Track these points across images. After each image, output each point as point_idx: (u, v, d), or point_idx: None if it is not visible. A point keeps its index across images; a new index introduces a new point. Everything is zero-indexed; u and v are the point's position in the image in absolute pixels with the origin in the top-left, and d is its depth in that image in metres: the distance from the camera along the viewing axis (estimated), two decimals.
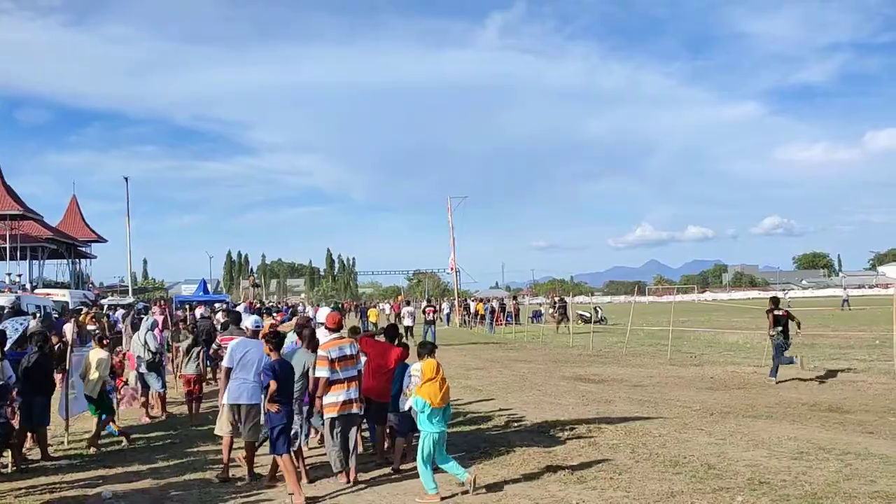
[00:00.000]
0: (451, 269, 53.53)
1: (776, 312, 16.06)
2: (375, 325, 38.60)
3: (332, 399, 8.27)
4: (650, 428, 10.87)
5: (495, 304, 43.43)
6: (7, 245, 50.99)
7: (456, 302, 51.88)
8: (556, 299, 40.75)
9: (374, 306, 46.93)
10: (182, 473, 8.99)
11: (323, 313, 11.02)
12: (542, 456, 9.28)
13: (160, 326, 14.88)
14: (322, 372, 8.24)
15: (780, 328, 15.87)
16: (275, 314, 23.06)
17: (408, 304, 37.81)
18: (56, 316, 27.39)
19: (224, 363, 8.78)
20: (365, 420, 9.20)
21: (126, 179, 53.28)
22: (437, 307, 40.08)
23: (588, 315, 39.56)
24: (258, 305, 36.42)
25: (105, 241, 70.78)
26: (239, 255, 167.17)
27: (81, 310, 27.91)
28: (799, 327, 16.35)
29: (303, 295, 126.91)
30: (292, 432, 8.02)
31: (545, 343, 28.82)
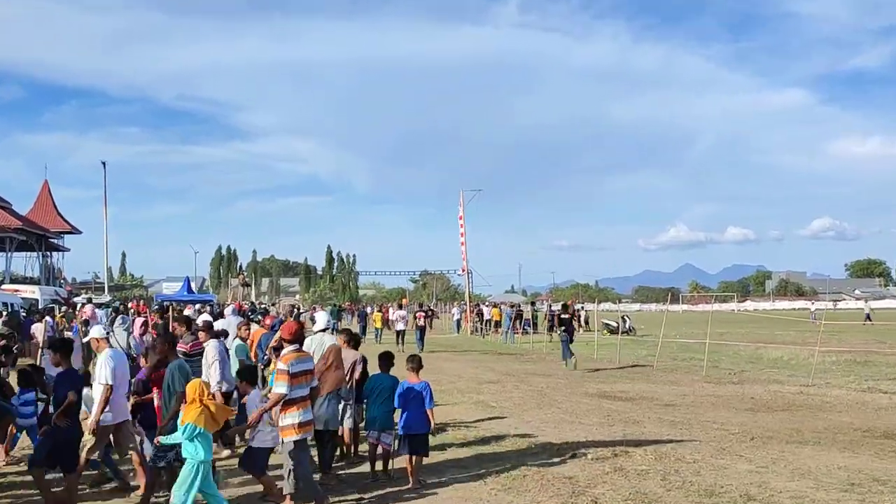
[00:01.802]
0: (463, 270, 53.61)
1: (563, 316, 25.75)
2: (379, 330, 38.76)
3: (291, 420, 8.05)
4: (683, 453, 10.83)
5: (509, 309, 43.36)
6: None
7: (468, 307, 51.86)
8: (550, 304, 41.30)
9: (380, 310, 46.81)
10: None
11: (322, 318, 11.01)
12: (562, 482, 9.26)
13: (139, 330, 14.95)
14: (281, 388, 8.01)
15: (563, 327, 24.63)
16: (260, 317, 23.02)
17: (400, 307, 38.44)
18: (24, 315, 27.53)
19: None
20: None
21: (104, 164, 53.65)
22: (430, 312, 40.28)
23: (615, 325, 39.48)
24: (247, 307, 36.50)
25: (79, 232, 70.96)
26: (228, 250, 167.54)
27: (53, 308, 28.05)
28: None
29: (297, 296, 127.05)
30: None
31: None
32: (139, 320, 17.09)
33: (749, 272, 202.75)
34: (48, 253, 67.85)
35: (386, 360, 10.10)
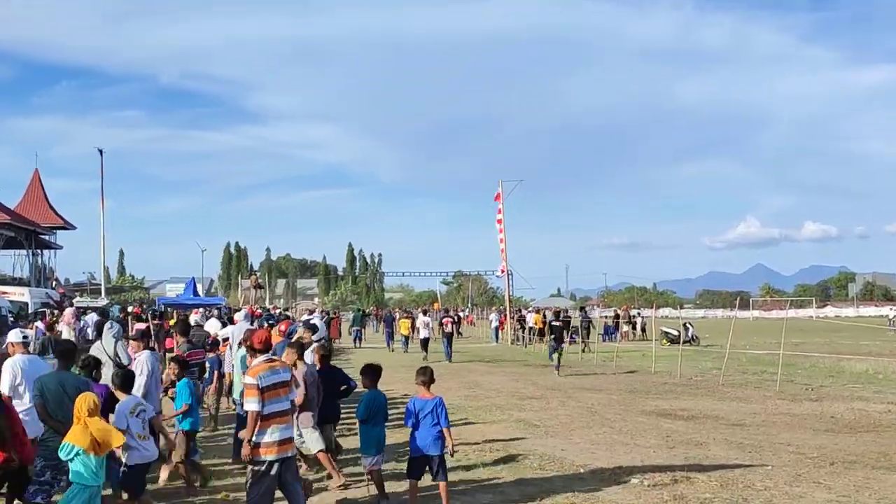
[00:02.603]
0: (502, 271, 53.36)
1: (554, 323, 28.61)
2: (407, 338, 38.93)
3: (268, 438, 8.03)
4: (753, 479, 10.79)
5: (550, 314, 43.27)
6: None
7: (508, 312, 51.84)
8: (579, 310, 41.55)
9: (407, 315, 46.94)
10: None
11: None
12: None
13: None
14: (252, 405, 8.01)
15: (553, 335, 27.80)
16: (266, 322, 23.17)
17: (424, 313, 39.64)
18: (11, 320, 27.88)
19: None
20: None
21: (100, 152, 54.01)
22: (457, 317, 40.66)
23: (675, 333, 39.28)
24: (261, 312, 36.73)
25: (73, 227, 71.89)
26: (238, 248, 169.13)
27: (44, 312, 28.45)
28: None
29: (316, 299, 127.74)
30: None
31: (620, 368, 28.68)
32: (140, 326, 17.30)
33: (829, 274, 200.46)
34: (38, 251, 68.71)
35: (372, 373, 10.17)
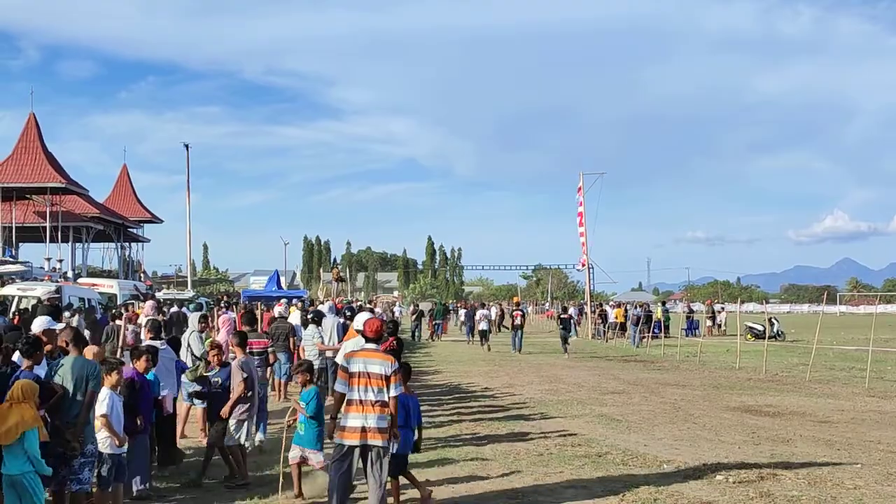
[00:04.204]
0: (582, 265, 53.14)
1: (562, 316, 34.55)
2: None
3: (349, 423, 8.34)
4: (842, 477, 10.61)
5: (638, 310, 43.03)
6: (48, 224, 53.39)
7: (588, 307, 51.56)
8: (627, 305, 42.42)
9: (483, 306, 47.72)
10: None
11: (360, 319, 11.31)
12: None
13: (226, 327, 15.42)
14: (338, 386, 8.47)
15: (561, 326, 32.93)
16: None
17: (483, 306, 42.06)
18: (101, 311, 28.56)
19: None
20: None
21: (186, 147, 55.27)
22: (525, 311, 41.04)
23: (760, 328, 38.79)
24: (342, 304, 37.08)
25: (160, 221, 73.51)
26: (318, 241, 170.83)
27: (131, 304, 29.09)
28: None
29: (396, 292, 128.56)
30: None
31: (703, 363, 28.38)
32: (225, 317, 17.60)
33: None
34: (127, 244, 70.39)
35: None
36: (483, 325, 36.03)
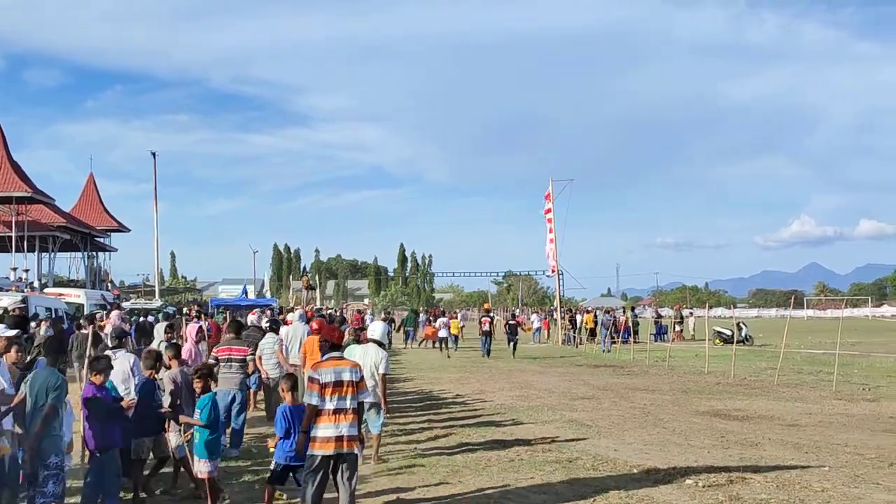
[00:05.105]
0: (552, 271, 53.21)
1: (510, 322, 37.11)
2: (456, 338, 39.46)
3: (320, 433, 8.18)
4: (810, 480, 10.69)
5: (608, 316, 43.25)
6: (13, 234, 52.92)
7: (558, 313, 51.69)
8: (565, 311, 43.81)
9: (455, 316, 47.69)
10: None
11: (376, 328, 11.27)
12: None
13: (194, 337, 15.32)
14: (311, 398, 8.22)
15: (509, 332, 35.44)
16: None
17: (443, 314, 43.49)
18: (68, 322, 28.29)
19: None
20: None
21: (153, 154, 54.73)
22: (493, 318, 41.32)
23: (728, 333, 39.01)
24: (312, 313, 37.01)
25: (128, 230, 73.01)
26: (287, 249, 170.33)
27: (97, 314, 28.85)
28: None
29: (366, 300, 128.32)
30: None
31: (672, 368, 28.52)
32: (193, 326, 17.48)
33: (886, 272, 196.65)
34: (94, 253, 69.86)
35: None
36: (442, 332, 37.20)
